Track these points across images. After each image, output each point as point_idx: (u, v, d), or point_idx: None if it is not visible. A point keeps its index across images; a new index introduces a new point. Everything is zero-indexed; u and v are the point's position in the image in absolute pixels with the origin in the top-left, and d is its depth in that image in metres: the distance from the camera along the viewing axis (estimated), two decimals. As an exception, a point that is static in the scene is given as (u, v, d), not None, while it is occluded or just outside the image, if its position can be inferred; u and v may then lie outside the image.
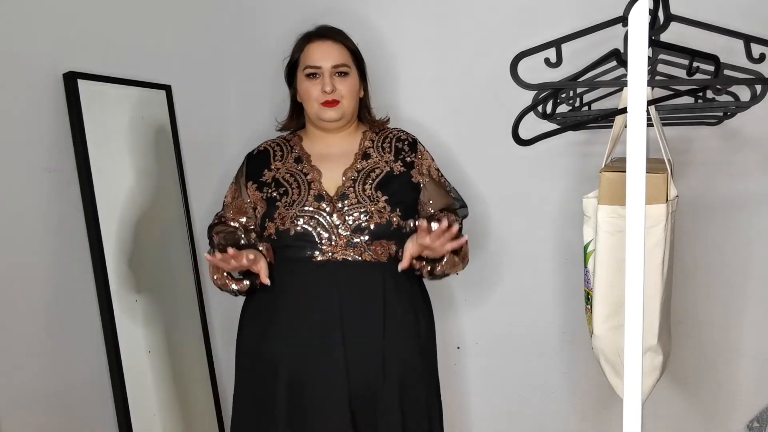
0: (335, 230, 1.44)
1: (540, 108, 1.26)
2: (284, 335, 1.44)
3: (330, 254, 1.43)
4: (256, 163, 1.58)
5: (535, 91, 1.24)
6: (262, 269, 1.43)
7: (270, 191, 1.51)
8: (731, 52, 1.17)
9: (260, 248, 1.46)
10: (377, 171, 1.52)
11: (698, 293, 1.77)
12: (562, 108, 1.39)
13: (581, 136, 1.82)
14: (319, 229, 1.44)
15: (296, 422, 1.43)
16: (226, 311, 2.16)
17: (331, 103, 1.50)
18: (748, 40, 1.15)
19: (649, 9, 0.92)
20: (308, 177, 1.50)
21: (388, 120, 1.66)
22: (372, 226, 1.44)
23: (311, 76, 1.51)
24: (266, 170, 1.55)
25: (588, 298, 1.30)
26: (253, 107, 2.18)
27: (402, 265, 1.43)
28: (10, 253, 1.53)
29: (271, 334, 1.46)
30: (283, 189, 1.49)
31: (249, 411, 1.50)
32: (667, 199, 1.12)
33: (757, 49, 1.15)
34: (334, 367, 1.41)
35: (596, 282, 1.20)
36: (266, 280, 1.43)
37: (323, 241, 1.43)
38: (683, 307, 1.73)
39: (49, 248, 1.62)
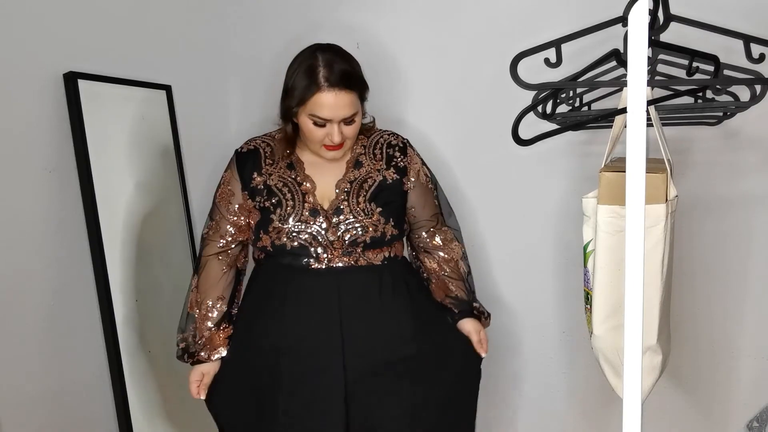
0: (331, 245, 1.44)
1: (540, 108, 1.26)
2: (283, 339, 1.45)
3: (326, 262, 1.45)
4: (245, 164, 1.52)
5: (535, 91, 1.25)
6: (194, 386, 1.52)
7: (262, 200, 1.48)
8: (731, 52, 1.17)
9: (214, 357, 1.52)
10: (369, 181, 1.50)
11: (698, 293, 1.77)
12: (562, 108, 1.39)
13: (581, 136, 1.82)
14: (315, 243, 1.44)
15: (293, 416, 1.43)
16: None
17: (336, 147, 1.46)
18: (747, 40, 1.15)
19: (649, 9, 0.92)
20: (302, 188, 1.47)
21: (374, 122, 1.62)
22: (368, 240, 1.45)
23: (318, 123, 1.42)
24: (256, 173, 1.50)
25: (587, 298, 1.30)
26: (253, 107, 2.19)
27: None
28: (10, 253, 1.53)
29: (270, 338, 1.46)
30: (276, 199, 1.47)
31: (244, 408, 1.50)
32: (666, 199, 1.12)
33: (756, 49, 1.15)
34: (330, 368, 1.42)
35: (596, 282, 1.20)
36: (195, 395, 1.52)
37: (319, 254, 1.44)
38: (683, 307, 1.73)
39: (49, 248, 1.62)
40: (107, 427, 1.74)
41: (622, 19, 1.19)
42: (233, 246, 1.55)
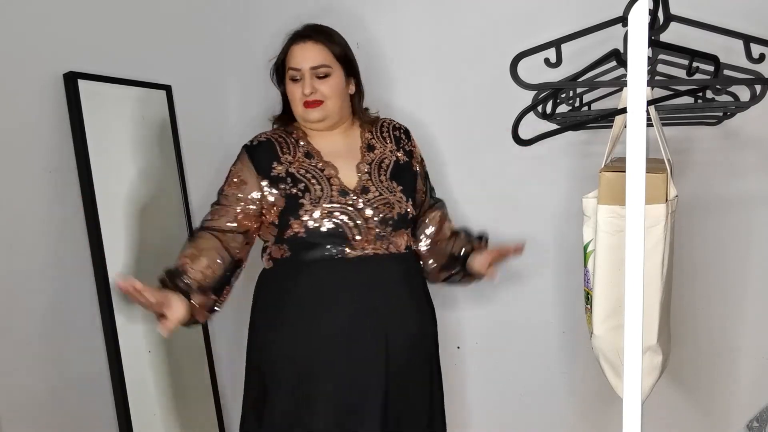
0: (364, 224, 1.45)
1: (540, 108, 1.27)
2: (325, 334, 1.44)
3: (361, 249, 1.45)
4: (262, 156, 1.51)
5: (535, 91, 1.25)
6: (168, 321, 1.32)
7: (288, 187, 1.46)
8: (731, 52, 1.17)
9: (193, 301, 1.38)
10: (386, 161, 1.55)
11: (698, 293, 1.77)
12: (562, 108, 1.39)
13: (581, 136, 1.82)
14: (350, 224, 1.44)
15: (341, 418, 1.44)
16: (226, 311, 2.15)
17: (313, 104, 1.50)
18: (747, 40, 1.15)
19: (649, 9, 0.92)
20: (325, 173, 1.49)
21: (377, 113, 1.67)
22: (396, 217, 1.49)
23: (293, 78, 1.51)
24: (276, 163, 1.49)
25: (588, 298, 1.30)
26: (253, 107, 2.18)
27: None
28: (10, 253, 1.53)
29: (311, 335, 1.45)
30: (303, 185, 1.46)
31: (282, 412, 1.47)
32: (666, 199, 1.12)
33: (756, 49, 1.15)
34: (374, 363, 1.44)
35: (596, 282, 1.20)
36: (163, 331, 1.32)
37: (354, 237, 1.44)
38: (683, 307, 1.73)
39: (50, 248, 1.62)
40: (107, 427, 1.74)
41: (622, 19, 1.19)
42: (231, 234, 1.49)
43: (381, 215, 1.47)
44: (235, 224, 1.49)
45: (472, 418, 2.09)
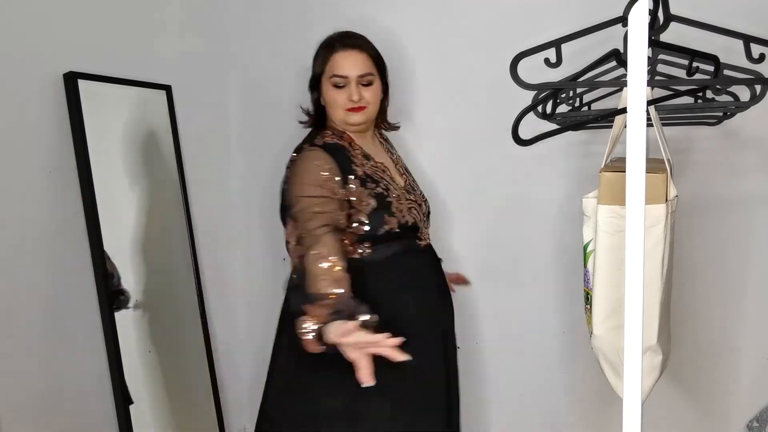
0: (424, 218, 1.59)
1: (540, 108, 1.27)
2: (421, 311, 1.54)
3: (424, 241, 1.58)
4: (339, 157, 1.48)
5: (535, 91, 1.25)
6: (367, 366, 1.18)
7: (374, 187, 1.48)
8: (731, 52, 1.17)
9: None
10: (402, 163, 1.67)
11: (698, 293, 1.77)
12: (562, 108, 1.39)
13: (581, 136, 1.82)
14: (419, 217, 1.56)
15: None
16: (226, 311, 2.16)
17: (357, 109, 1.53)
18: (747, 40, 1.15)
19: (649, 9, 0.92)
20: (386, 173, 1.56)
21: None
22: (430, 211, 1.64)
23: (337, 85, 1.52)
24: (353, 165, 1.49)
25: (587, 298, 1.30)
26: (253, 107, 2.19)
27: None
28: (10, 253, 1.53)
29: (411, 311, 1.51)
30: (384, 184, 1.51)
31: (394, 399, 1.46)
32: (666, 199, 1.12)
33: (756, 49, 1.15)
34: (441, 343, 1.58)
35: (596, 282, 1.20)
36: (369, 380, 1.17)
37: (422, 229, 1.57)
38: (683, 307, 1.73)
39: (49, 248, 1.62)
40: (107, 427, 1.74)
41: (622, 19, 1.19)
42: (341, 231, 1.42)
43: (427, 210, 1.62)
44: (342, 213, 1.42)
45: (471, 418, 2.09)
